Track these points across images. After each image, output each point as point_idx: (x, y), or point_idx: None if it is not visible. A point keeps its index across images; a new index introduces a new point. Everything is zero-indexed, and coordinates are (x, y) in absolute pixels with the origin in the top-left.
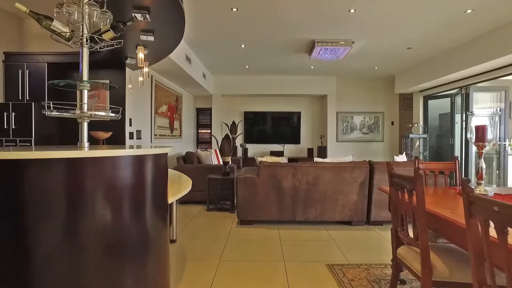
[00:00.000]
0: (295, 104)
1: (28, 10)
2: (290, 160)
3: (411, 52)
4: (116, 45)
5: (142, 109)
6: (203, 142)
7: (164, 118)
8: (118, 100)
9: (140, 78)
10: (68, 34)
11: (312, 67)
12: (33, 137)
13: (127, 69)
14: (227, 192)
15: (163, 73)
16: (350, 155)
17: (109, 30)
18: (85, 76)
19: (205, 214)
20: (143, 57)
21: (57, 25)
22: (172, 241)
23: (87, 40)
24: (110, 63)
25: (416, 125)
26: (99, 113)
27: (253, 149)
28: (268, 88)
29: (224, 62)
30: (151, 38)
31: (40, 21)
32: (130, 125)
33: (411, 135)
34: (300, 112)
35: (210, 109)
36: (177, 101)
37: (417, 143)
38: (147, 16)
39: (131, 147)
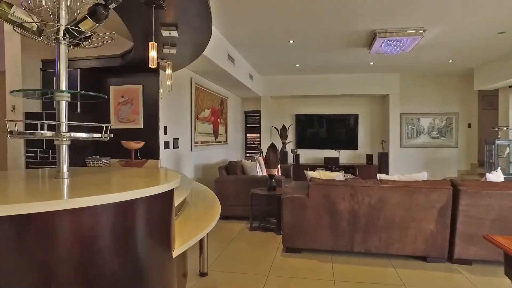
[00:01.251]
0: (352, 106)
1: None
2: (347, 168)
3: (503, 38)
4: (107, 39)
5: (180, 115)
6: (253, 147)
7: (206, 123)
8: (152, 105)
9: (168, 82)
10: (36, 26)
11: (371, 63)
12: None
13: (160, 71)
14: (273, 208)
15: (204, 74)
16: (424, 171)
17: (86, 17)
18: (64, 84)
19: (246, 235)
20: (155, 56)
21: (17, 13)
22: (203, 275)
23: (64, 34)
24: (143, 65)
25: (505, 128)
26: (79, 134)
27: (306, 155)
28: (321, 88)
29: (272, 61)
30: (174, 34)
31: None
32: (165, 133)
33: (497, 141)
34: (358, 114)
35: (259, 112)
36: (222, 104)
37: (507, 151)
38: (162, 3)
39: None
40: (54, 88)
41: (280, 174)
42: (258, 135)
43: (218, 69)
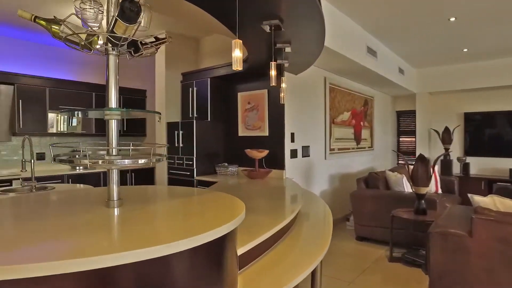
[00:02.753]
0: None
1: (33, 17)
2: None
3: None
4: (157, 43)
5: (311, 120)
6: (406, 153)
7: (345, 128)
8: (277, 111)
9: (283, 85)
10: (83, 40)
11: None
12: (195, 156)
13: (286, 74)
14: (423, 236)
15: (339, 73)
16: None
17: (117, 19)
18: (113, 100)
19: (383, 267)
20: (239, 56)
21: (66, 30)
22: None
23: (114, 45)
24: (267, 68)
25: None
26: (121, 161)
27: (479, 165)
28: (504, 77)
29: (428, 49)
30: (278, 28)
31: (49, 30)
32: (292, 141)
33: None
34: None
35: (413, 112)
36: (366, 105)
37: None
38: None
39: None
40: (191, 97)
41: (439, 190)
42: (413, 139)
43: (355, 65)
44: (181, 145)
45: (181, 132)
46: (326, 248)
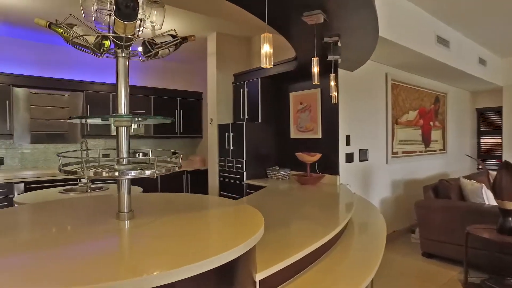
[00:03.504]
0: None
1: (48, 24)
2: None
3: None
4: (170, 43)
5: (370, 121)
6: (488, 157)
7: (411, 128)
8: (331, 112)
9: (332, 83)
10: (92, 44)
11: None
12: (245, 159)
13: (339, 71)
14: (511, 260)
15: (403, 67)
16: None
17: (114, 17)
18: (123, 106)
19: None
20: (269, 51)
21: (72, 33)
22: None
23: (118, 46)
24: (320, 66)
25: None
26: (128, 172)
27: None
28: None
29: None
30: (319, 19)
31: (61, 35)
32: (348, 143)
33: None
34: None
35: (499, 109)
36: (437, 102)
37: None
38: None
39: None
40: (243, 101)
41: None
42: (499, 141)
43: (422, 58)
44: (231, 147)
45: (231, 134)
46: (376, 266)
